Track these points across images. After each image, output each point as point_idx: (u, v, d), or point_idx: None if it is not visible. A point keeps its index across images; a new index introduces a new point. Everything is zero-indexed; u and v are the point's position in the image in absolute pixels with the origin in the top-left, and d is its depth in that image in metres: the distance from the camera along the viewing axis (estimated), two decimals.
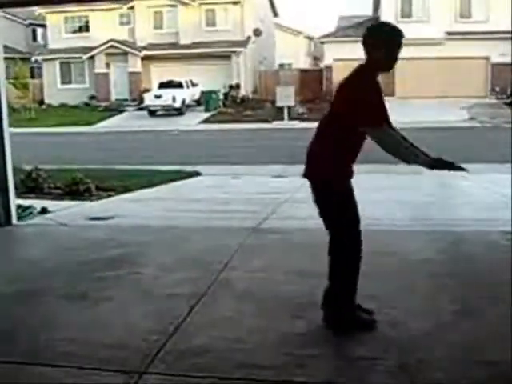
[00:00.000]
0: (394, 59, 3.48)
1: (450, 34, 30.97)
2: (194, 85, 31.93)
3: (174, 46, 34.38)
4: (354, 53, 5.81)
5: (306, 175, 3.68)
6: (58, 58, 35.61)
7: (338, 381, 3.18)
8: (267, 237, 6.29)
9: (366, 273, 3.71)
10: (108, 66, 35.31)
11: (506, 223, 6.44)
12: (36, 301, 4.39)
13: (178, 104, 29.79)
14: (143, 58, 34.74)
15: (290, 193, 9.59)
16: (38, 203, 8.15)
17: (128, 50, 34.62)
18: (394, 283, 4.54)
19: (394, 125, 3.63)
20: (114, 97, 35.05)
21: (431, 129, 21.50)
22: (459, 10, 32.03)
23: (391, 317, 3.84)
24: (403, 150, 3.47)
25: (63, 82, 35.94)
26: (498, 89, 31.15)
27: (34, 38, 42.06)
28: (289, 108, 26.93)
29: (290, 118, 26.53)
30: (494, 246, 5.70)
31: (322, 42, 34.18)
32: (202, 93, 31.55)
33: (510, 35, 29.75)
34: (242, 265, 5.20)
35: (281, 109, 26.96)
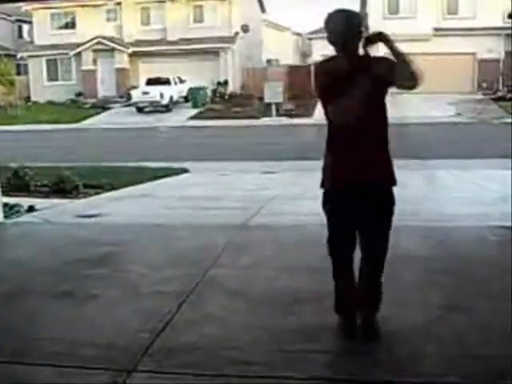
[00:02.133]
0: (335, 41, 3.43)
1: (437, 30, 31.09)
2: (181, 81, 31.83)
3: (162, 42, 34.24)
4: None
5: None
6: (45, 55, 35.34)
7: (329, 376, 3.18)
8: (256, 233, 6.28)
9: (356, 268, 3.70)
10: (95, 62, 35.09)
11: (494, 218, 6.49)
12: (23, 300, 4.35)
13: (165, 100, 29.70)
14: (130, 55, 34.57)
15: (279, 189, 9.60)
16: (24, 201, 8.10)
17: (115, 46, 34.43)
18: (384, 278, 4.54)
19: None
20: (101, 93, 34.82)
21: (418, 124, 21.58)
22: (446, 6, 32.15)
23: (381, 311, 3.84)
24: None
25: (50, 79, 35.68)
26: (484, 85, 31.32)
27: (20, 35, 41.72)
28: (277, 104, 26.92)
29: (278, 114, 26.53)
30: (483, 241, 5.72)
31: (310, 39, 34.17)
32: (190, 89, 31.47)
33: (496, 31, 29.98)
34: (230, 262, 5.18)
35: (269, 105, 26.95)
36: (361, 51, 3.43)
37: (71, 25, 35.78)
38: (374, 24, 30.41)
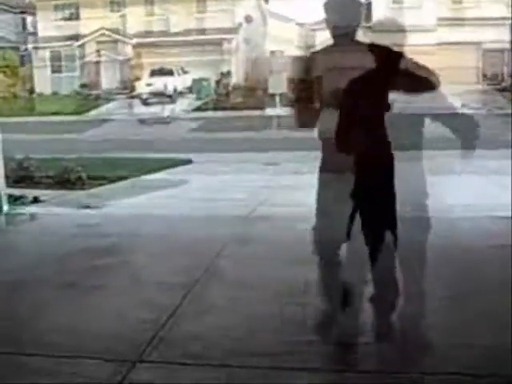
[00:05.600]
0: (329, 28, 3.38)
1: (441, 20, 30.92)
2: (185, 72, 31.78)
3: (165, 33, 34.15)
4: None
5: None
6: (48, 47, 35.31)
7: (332, 367, 3.19)
8: (260, 224, 6.29)
9: (360, 260, 3.70)
10: (99, 53, 35.05)
11: (493, 208, 6.46)
12: (26, 290, 4.37)
13: (169, 91, 29.68)
14: (134, 46, 34.49)
15: (283, 180, 9.60)
16: (29, 192, 8.12)
17: (119, 37, 34.37)
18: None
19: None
20: (105, 85, 34.79)
21: (420, 115, 21.46)
22: None
23: None
24: None
25: (54, 71, 35.63)
26: (489, 75, 31.15)
27: (24, 27, 41.65)
28: (280, 95, 26.85)
29: (282, 105, 26.46)
30: (484, 232, 5.71)
31: (314, 29, 34.05)
32: (194, 80, 31.41)
33: (501, 21, 29.80)
34: (234, 253, 5.19)
35: (273, 96, 26.88)
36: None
37: (75, 16, 35.70)
38: (378, 14, 30.44)
